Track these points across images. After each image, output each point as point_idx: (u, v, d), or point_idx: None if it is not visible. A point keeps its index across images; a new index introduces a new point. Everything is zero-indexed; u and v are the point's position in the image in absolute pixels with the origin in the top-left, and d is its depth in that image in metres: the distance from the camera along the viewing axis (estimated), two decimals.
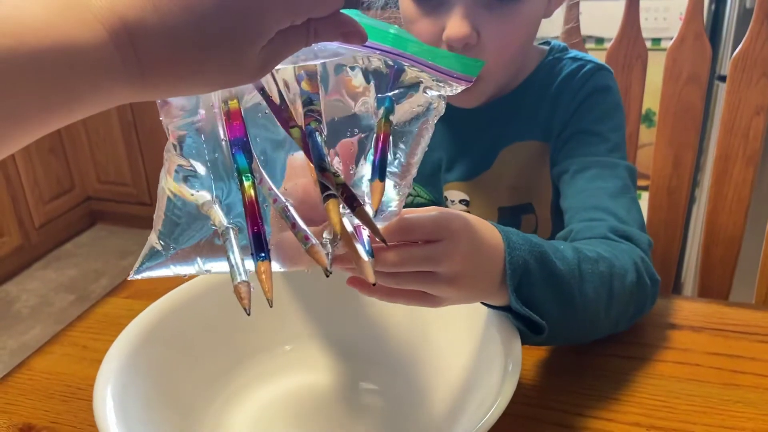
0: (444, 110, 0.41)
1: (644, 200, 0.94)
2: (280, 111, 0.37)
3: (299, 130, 0.37)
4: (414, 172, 0.41)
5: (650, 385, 0.54)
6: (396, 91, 0.39)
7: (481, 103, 0.70)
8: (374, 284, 0.38)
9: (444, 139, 0.76)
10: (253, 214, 0.36)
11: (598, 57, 0.81)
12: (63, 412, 0.56)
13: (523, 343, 0.49)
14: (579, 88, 0.70)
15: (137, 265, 0.40)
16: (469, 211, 0.75)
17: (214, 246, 0.39)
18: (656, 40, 1.69)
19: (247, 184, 0.36)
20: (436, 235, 0.42)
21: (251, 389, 0.56)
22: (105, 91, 0.27)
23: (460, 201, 0.76)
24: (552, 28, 0.75)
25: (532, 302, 0.48)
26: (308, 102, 0.37)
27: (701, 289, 0.95)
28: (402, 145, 0.40)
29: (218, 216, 0.38)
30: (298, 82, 0.38)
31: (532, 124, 0.72)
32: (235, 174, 0.37)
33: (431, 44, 0.63)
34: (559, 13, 0.78)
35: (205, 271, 0.40)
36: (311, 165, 0.36)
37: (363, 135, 0.39)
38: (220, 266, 0.40)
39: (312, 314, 0.61)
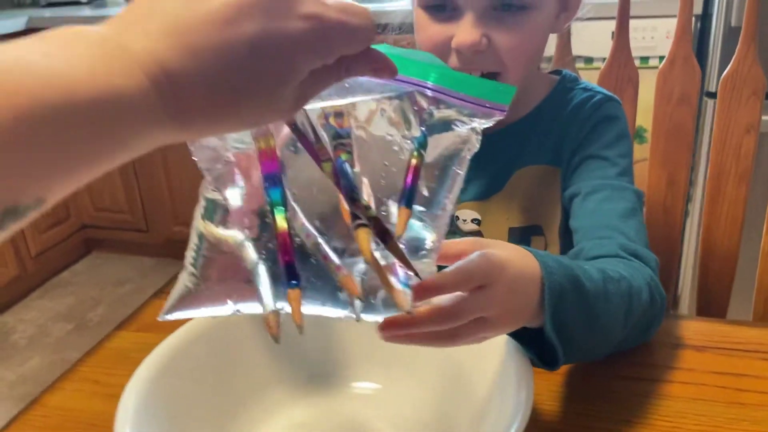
0: (478, 146, 0.41)
1: None
2: (312, 146, 0.38)
3: (330, 164, 0.38)
4: (450, 210, 0.41)
5: (658, 406, 0.56)
6: (427, 129, 0.40)
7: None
8: (409, 313, 0.39)
9: None
10: (285, 245, 0.37)
11: (588, 77, 0.84)
12: None
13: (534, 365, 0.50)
14: (588, 117, 0.73)
15: (168, 305, 0.41)
16: (480, 231, 0.77)
17: (244, 289, 0.40)
18: (644, 59, 1.73)
19: (279, 216, 0.37)
20: (485, 281, 0.43)
21: (268, 419, 0.57)
22: (147, 136, 0.28)
23: (472, 220, 0.78)
24: (546, 48, 0.77)
25: (565, 325, 0.49)
26: (338, 136, 0.38)
27: (699, 306, 0.97)
28: (433, 183, 0.40)
29: (248, 252, 0.39)
30: (326, 118, 0.39)
31: (543, 148, 0.75)
32: (268, 207, 0.38)
33: (441, 51, 0.67)
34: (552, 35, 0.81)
35: (236, 311, 0.41)
36: (341, 197, 0.37)
37: (394, 169, 0.40)
38: (251, 308, 0.40)
39: (327, 348, 0.62)
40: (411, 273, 0.37)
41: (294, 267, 0.37)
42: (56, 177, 0.25)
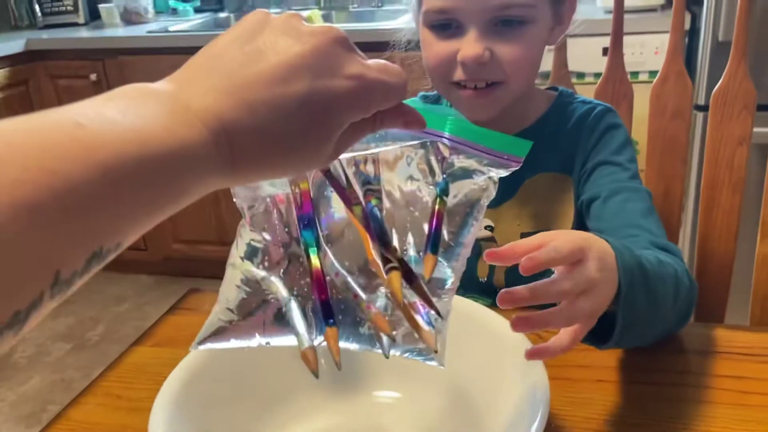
0: (494, 194, 0.44)
1: None
2: (344, 191, 0.41)
3: (360, 208, 0.40)
4: (467, 252, 0.43)
5: (669, 409, 0.58)
6: (448, 176, 0.43)
7: (496, 115, 0.75)
8: (436, 351, 0.41)
9: None
10: (320, 283, 0.39)
11: (581, 91, 0.89)
12: None
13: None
14: (594, 126, 0.78)
15: (200, 337, 0.43)
16: (493, 237, 0.81)
17: (273, 326, 0.42)
18: (634, 74, 1.77)
19: (313, 256, 0.40)
20: (577, 257, 0.46)
21: (294, 424, 0.59)
22: (204, 183, 0.31)
23: (486, 227, 0.81)
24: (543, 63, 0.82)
25: (633, 303, 0.51)
26: (367, 182, 0.41)
27: (697, 313, 1.00)
28: (454, 229, 0.42)
29: (278, 287, 0.41)
30: (357, 165, 0.41)
31: (551, 157, 0.79)
32: (302, 247, 0.40)
33: (447, 65, 0.72)
34: (549, 49, 0.85)
35: (265, 343, 0.42)
36: (368, 240, 0.39)
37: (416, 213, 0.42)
38: (279, 341, 0.42)
39: (350, 358, 0.64)
40: (433, 312, 0.40)
41: (330, 305, 0.39)
42: (133, 223, 0.27)
